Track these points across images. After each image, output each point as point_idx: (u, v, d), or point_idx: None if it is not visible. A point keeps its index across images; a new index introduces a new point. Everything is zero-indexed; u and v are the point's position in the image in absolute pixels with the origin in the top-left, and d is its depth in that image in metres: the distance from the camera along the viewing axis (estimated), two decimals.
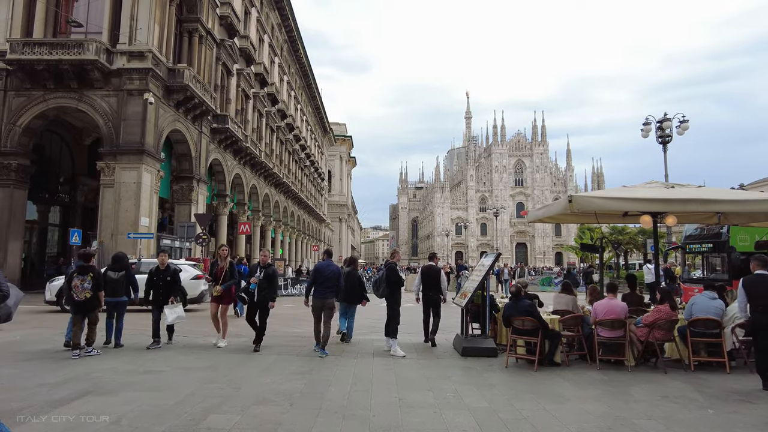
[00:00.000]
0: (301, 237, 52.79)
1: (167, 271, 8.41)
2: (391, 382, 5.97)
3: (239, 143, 28.27)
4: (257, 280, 7.80)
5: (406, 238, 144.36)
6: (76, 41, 18.29)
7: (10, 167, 18.53)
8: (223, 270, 8.33)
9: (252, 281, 7.86)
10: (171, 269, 8.48)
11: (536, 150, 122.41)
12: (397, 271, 8.03)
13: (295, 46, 45.91)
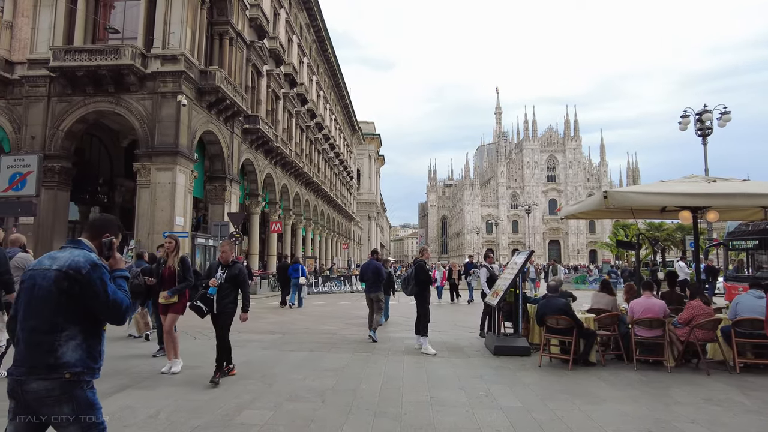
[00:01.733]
0: (331, 235, 53.21)
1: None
2: (422, 380, 5.93)
3: (270, 143, 28.66)
4: (217, 283, 5.99)
5: (435, 236, 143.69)
6: (113, 47, 18.88)
7: (53, 170, 19.28)
8: (172, 270, 6.51)
9: (211, 284, 5.99)
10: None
11: (569, 145, 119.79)
12: (425, 269, 7.97)
13: (324, 46, 46.21)
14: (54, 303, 2.29)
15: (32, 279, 2.36)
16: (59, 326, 2.29)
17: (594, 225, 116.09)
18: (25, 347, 2.29)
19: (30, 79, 19.88)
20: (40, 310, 2.29)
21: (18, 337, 2.33)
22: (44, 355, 2.25)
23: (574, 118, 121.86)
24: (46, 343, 2.26)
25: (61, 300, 2.29)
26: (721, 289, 17.98)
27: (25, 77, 19.92)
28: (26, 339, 2.29)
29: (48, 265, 2.36)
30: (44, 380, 2.23)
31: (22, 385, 2.24)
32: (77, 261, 2.35)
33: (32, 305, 2.31)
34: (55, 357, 2.25)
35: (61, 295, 2.29)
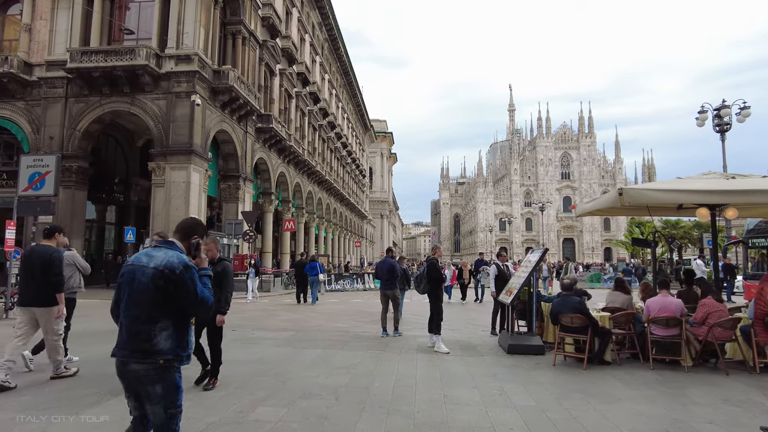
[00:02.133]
0: (343, 233, 53.34)
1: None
2: (436, 379, 5.92)
3: (283, 142, 28.81)
4: None
5: (448, 234, 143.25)
6: (128, 48, 19.12)
7: (71, 169, 19.60)
8: None
9: None
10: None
11: (583, 142, 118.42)
12: (438, 267, 7.93)
13: (336, 45, 46.27)
14: (151, 297, 2.63)
15: (132, 273, 2.70)
16: (155, 318, 2.63)
17: (609, 222, 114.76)
18: (126, 333, 2.66)
19: (48, 81, 20.24)
20: (139, 301, 2.64)
21: (121, 323, 2.71)
22: (142, 343, 2.62)
23: (589, 115, 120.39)
24: (144, 332, 2.62)
25: (157, 296, 2.62)
26: (740, 287, 17.67)
27: (43, 79, 20.29)
28: (128, 326, 2.67)
29: (146, 262, 2.70)
30: (141, 363, 2.62)
31: (125, 365, 2.65)
32: (172, 261, 2.67)
33: (133, 297, 2.67)
34: (151, 344, 2.61)
35: (158, 292, 2.62)
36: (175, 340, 2.68)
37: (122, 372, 2.68)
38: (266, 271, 24.39)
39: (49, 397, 4.96)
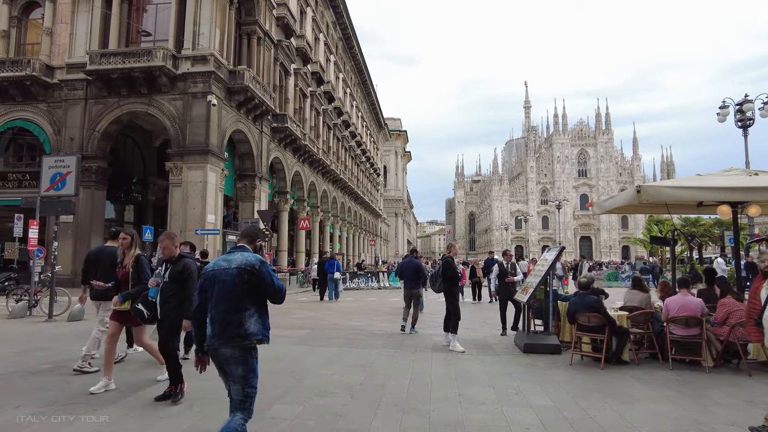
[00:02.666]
0: (358, 232, 53.47)
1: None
2: (451, 377, 5.91)
3: (298, 141, 28.97)
4: (158, 283, 5.08)
5: (463, 232, 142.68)
6: (145, 49, 19.40)
7: (90, 170, 19.95)
8: (127, 271, 5.52)
9: (150, 284, 5.20)
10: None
11: (600, 139, 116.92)
12: (453, 265, 7.91)
13: (350, 44, 46.35)
14: (237, 291, 3.14)
15: (215, 277, 3.21)
16: (243, 307, 3.16)
17: (627, 220, 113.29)
18: (219, 325, 3.14)
19: (69, 83, 20.63)
20: (228, 297, 3.14)
21: (212, 318, 3.18)
22: (236, 329, 3.11)
23: (606, 111, 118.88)
24: (236, 321, 3.12)
25: (242, 289, 3.15)
26: None
27: (64, 81, 20.69)
28: (220, 319, 3.14)
29: (226, 265, 3.23)
30: (233, 348, 3.12)
31: (218, 351, 3.15)
32: (250, 260, 3.22)
33: (221, 295, 3.15)
34: (243, 329, 3.12)
35: (243, 285, 3.15)
36: (260, 324, 3.20)
37: (215, 356, 3.20)
38: (281, 269, 24.60)
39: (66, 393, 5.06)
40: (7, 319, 10.67)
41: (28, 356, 6.87)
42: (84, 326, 9.62)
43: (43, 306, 10.79)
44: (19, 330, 9.27)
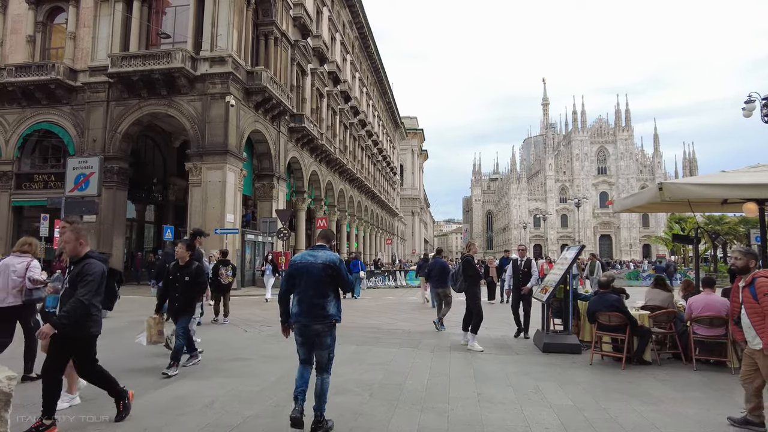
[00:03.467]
0: (374, 231, 53.52)
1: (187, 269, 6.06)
2: (469, 376, 5.89)
3: (315, 141, 29.12)
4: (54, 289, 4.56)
5: (480, 231, 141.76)
6: (164, 51, 19.68)
7: (112, 170, 20.34)
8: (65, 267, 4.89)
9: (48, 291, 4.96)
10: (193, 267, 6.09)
11: (620, 136, 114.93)
12: (474, 264, 7.86)
13: (366, 42, 46.38)
14: (322, 281, 4.01)
15: (305, 268, 4.06)
16: (326, 294, 4.03)
17: (647, 218, 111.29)
18: (307, 307, 4.00)
19: (91, 86, 21.06)
20: (314, 285, 4.00)
21: (301, 300, 4.03)
22: (320, 311, 4.00)
23: (626, 108, 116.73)
24: (320, 304, 4.00)
25: (326, 280, 4.01)
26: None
27: (86, 84, 21.12)
28: (308, 302, 4.01)
29: (313, 260, 4.08)
30: (320, 324, 4.02)
31: (308, 327, 4.02)
32: (332, 257, 4.12)
33: (309, 283, 4.01)
34: (325, 311, 4.01)
35: (326, 277, 4.01)
36: (337, 307, 4.12)
37: (304, 331, 4.05)
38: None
39: None
40: None
41: None
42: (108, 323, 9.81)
43: None
44: None
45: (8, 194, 21.94)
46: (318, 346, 4.08)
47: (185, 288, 5.95)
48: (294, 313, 4.06)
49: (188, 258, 6.09)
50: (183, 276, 5.96)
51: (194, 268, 6.05)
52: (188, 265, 6.05)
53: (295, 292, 4.08)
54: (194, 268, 6.05)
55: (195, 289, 6.06)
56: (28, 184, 22.08)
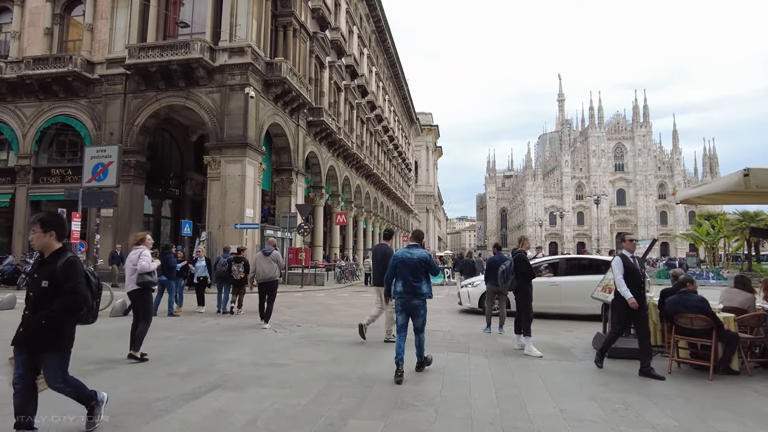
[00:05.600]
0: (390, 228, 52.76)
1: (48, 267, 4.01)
2: (540, 388, 5.15)
3: (333, 135, 28.49)
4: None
5: (494, 228, 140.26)
6: (182, 42, 19.15)
7: (129, 164, 19.88)
8: None
9: None
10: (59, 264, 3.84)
11: (638, 132, 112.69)
12: (527, 260, 7.12)
13: (383, 37, 45.63)
14: (418, 270, 5.53)
15: (404, 260, 5.59)
16: (420, 279, 5.52)
17: (666, 216, 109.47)
18: (407, 286, 5.51)
19: (108, 78, 20.64)
20: (412, 272, 5.52)
21: (401, 282, 5.56)
22: (416, 290, 5.50)
23: (644, 103, 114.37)
24: (416, 286, 5.50)
25: (421, 269, 5.54)
26: None
27: (103, 76, 20.71)
28: (407, 284, 5.51)
29: (410, 255, 5.61)
30: (417, 300, 5.55)
31: (408, 302, 5.54)
32: (424, 254, 5.65)
33: (408, 270, 5.52)
34: (420, 291, 5.52)
35: (421, 267, 5.54)
36: (428, 287, 5.63)
37: (405, 304, 5.56)
38: (318, 264, 24.17)
39: None
40: None
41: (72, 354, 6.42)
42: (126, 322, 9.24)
43: None
44: None
45: (26, 188, 21.63)
46: (415, 315, 5.62)
47: (41, 299, 3.33)
48: (397, 291, 5.61)
49: (56, 249, 3.46)
50: (40, 279, 3.36)
51: (61, 266, 3.36)
52: (53, 259, 3.41)
53: (398, 276, 5.63)
54: (61, 266, 3.36)
55: (64, 304, 3.32)
56: (46, 178, 21.74)
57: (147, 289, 6.22)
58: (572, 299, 10.42)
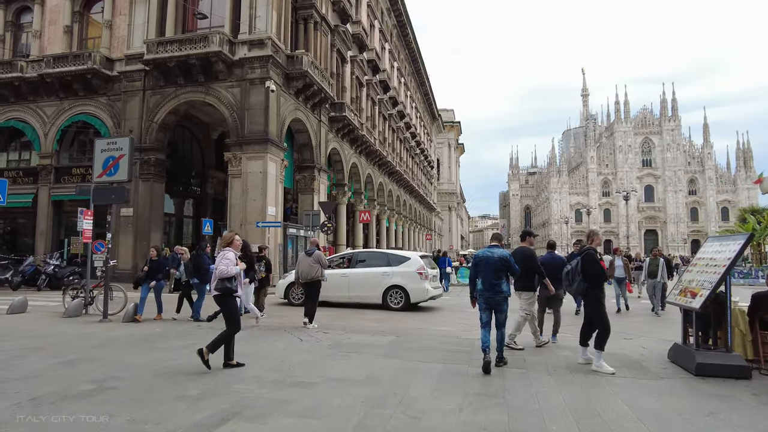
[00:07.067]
0: (413, 226, 51.80)
1: None
2: (630, 419, 4.13)
3: (355, 132, 27.67)
4: None
5: (517, 227, 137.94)
6: (201, 35, 18.53)
7: (149, 162, 19.38)
8: None
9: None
10: None
11: (666, 126, 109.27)
12: (597, 259, 5.99)
13: (404, 31, 44.66)
14: (498, 269, 5.95)
15: (485, 260, 6.02)
16: (500, 278, 5.96)
17: (696, 213, 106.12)
18: (489, 285, 5.94)
19: (127, 75, 20.18)
20: (493, 271, 5.94)
21: (484, 281, 5.97)
22: (497, 288, 5.93)
23: (672, 97, 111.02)
24: (497, 284, 5.93)
25: (501, 268, 5.97)
26: None
27: (122, 73, 20.26)
28: (489, 282, 5.94)
29: (491, 255, 6.04)
30: (499, 297, 5.95)
31: (491, 298, 5.94)
32: (504, 253, 6.09)
33: (490, 269, 5.95)
34: (501, 288, 5.95)
35: (501, 266, 5.96)
36: (507, 287, 6.02)
37: (489, 301, 5.93)
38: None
39: None
40: (62, 317, 9.78)
41: (73, 369, 5.67)
42: (138, 329, 8.52)
43: (99, 304, 9.84)
44: (69, 332, 8.26)
45: (48, 188, 21.34)
46: (498, 311, 5.95)
47: None
48: (480, 289, 5.95)
49: None
50: None
51: None
52: None
53: (480, 276, 5.96)
54: None
55: None
56: (67, 178, 21.41)
57: (229, 294, 5.95)
58: (359, 289, 12.23)
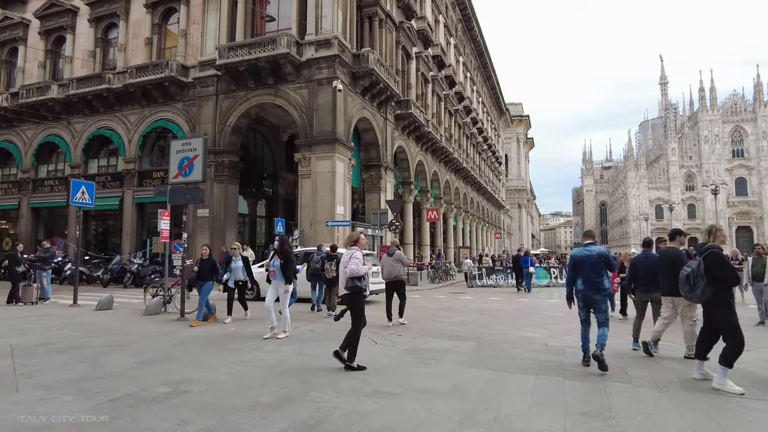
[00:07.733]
0: (481, 224, 50.52)
1: None
2: None
3: (421, 129, 27.24)
4: None
5: (592, 224, 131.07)
6: (269, 38, 18.89)
7: (223, 164, 20.02)
8: None
9: None
10: None
11: (761, 112, 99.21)
12: (723, 259, 5.04)
13: (470, 25, 43.63)
14: (599, 266, 5.86)
15: (583, 258, 5.96)
16: (601, 275, 5.86)
17: None
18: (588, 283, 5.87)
19: (201, 81, 20.97)
20: (593, 269, 5.85)
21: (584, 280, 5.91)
22: (597, 286, 5.84)
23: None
24: (598, 282, 5.83)
25: (601, 264, 5.86)
26: None
27: (196, 79, 21.08)
28: (589, 280, 5.88)
29: (588, 253, 5.94)
30: (599, 295, 5.86)
31: (589, 297, 5.90)
32: (601, 249, 5.99)
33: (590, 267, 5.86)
34: (602, 286, 5.85)
35: (600, 263, 5.86)
36: (608, 283, 5.93)
37: (587, 300, 5.94)
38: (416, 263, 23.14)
39: None
40: (143, 315, 10.13)
41: (151, 369, 5.65)
42: (212, 329, 8.56)
43: (177, 302, 10.08)
44: (149, 330, 8.45)
45: (132, 191, 22.65)
46: (597, 310, 5.87)
47: None
48: (579, 288, 5.93)
49: None
50: None
51: None
52: None
53: (581, 276, 5.90)
54: None
55: None
56: (148, 181, 22.63)
57: (358, 293, 5.95)
58: None
